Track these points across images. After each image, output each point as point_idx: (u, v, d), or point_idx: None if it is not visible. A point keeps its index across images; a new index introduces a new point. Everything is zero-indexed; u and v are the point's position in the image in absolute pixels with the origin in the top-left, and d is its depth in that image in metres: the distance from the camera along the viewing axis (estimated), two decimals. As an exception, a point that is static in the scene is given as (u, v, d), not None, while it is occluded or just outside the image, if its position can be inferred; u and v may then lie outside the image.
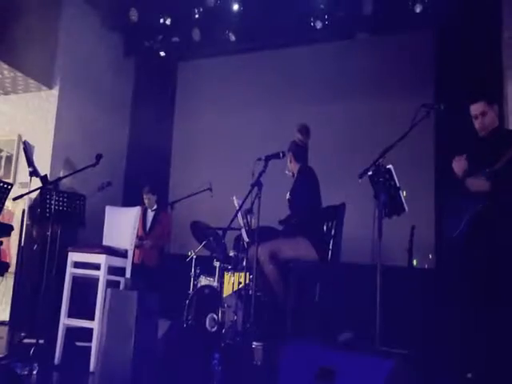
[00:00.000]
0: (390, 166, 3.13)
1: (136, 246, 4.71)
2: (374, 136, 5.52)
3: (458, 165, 3.30)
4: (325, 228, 3.89)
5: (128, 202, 6.40)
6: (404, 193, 3.19)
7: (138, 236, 4.85)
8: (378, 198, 3.04)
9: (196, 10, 6.27)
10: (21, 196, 3.77)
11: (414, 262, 4.53)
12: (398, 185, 3.15)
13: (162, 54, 6.93)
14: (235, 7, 6.12)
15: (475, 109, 3.26)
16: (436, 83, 5.77)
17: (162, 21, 6.48)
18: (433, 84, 5.78)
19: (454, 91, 5.33)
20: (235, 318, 3.84)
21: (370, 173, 3.13)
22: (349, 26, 6.11)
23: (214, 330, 4.01)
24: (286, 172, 4.05)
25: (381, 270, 2.90)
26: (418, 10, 5.53)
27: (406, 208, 3.15)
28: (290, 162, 3.99)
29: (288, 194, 3.92)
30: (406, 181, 3.37)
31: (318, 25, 6.00)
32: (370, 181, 3.17)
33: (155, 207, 5.75)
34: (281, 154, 3.63)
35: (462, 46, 5.47)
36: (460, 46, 5.50)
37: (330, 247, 3.77)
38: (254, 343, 3.26)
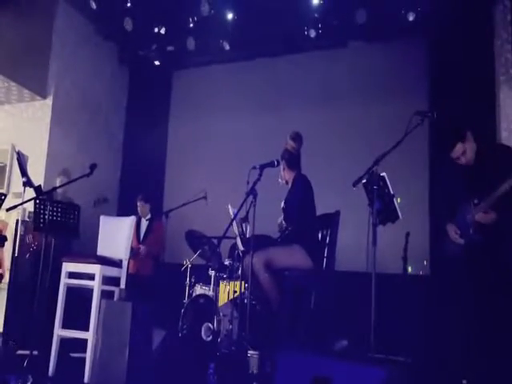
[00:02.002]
0: (383, 174, 3.14)
1: (131, 256, 4.69)
2: (368, 143, 5.54)
3: (452, 234, 3.35)
4: (319, 236, 3.88)
5: (123, 211, 6.38)
6: (398, 199, 3.20)
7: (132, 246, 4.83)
8: (372, 205, 3.05)
9: (190, 19, 6.28)
10: (14, 207, 3.75)
11: (409, 269, 4.53)
12: (392, 192, 3.16)
13: (157, 62, 6.95)
14: (229, 16, 6.14)
15: (455, 153, 3.30)
16: (429, 90, 5.81)
17: (156, 30, 6.48)
18: (426, 91, 5.82)
19: (447, 98, 5.37)
20: (230, 326, 3.82)
21: (363, 180, 3.14)
22: (342, 34, 6.16)
23: (209, 339, 3.99)
24: (279, 180, 4.05)
25: (375, 277, 2.90)
26: (410, 18, 5.57)
27: (400, 215, 3.16)
28: (284, 170, 3.99)
29: (283, 203, 3.92)
30: (400, 188, 3.39)
31: (312, 33, 6.04)
32: (364, 188, 3.18)
33: (149, 216, 5.73)
34: (275, 163, 3.65)
35: (455, 53, 5.51)
36: (452, 53, 5.54)
37: (325, 255, 3.76)
38: (250, 352, 3.25)
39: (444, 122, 3.51)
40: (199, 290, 4.66)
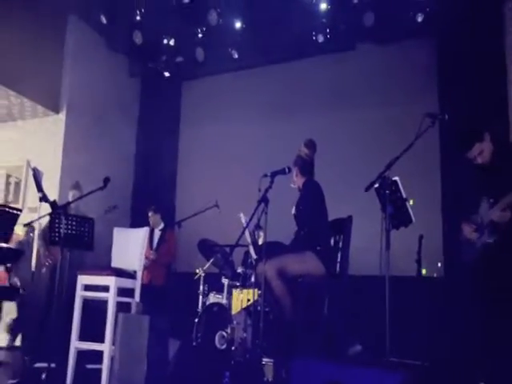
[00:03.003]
0: (396, 178, 3.12)
1: (144, 267, 4.72)
2: (379, 146, 5.51)
3: (467, 231, 3.30)
4: (332, 241, 3.86)
5: (136, 221, 6.43)
6: (411, 201, 3.17)
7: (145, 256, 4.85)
8: (385, 210, 3.03)
9: (199, 30, 6.34)
10: (31, 222, 3.82)
11: (423, 272, 4.47)
12: (404, 196, 3.13)
13: (167, 74, 7.00)
14: (237, 25, 6.18)
15: (472, 153, 3.27)
16: (439, 91, 5.76)
17: (165, 41, 6.55)
18: (436, 92, 5.77)
19: (457, 98, 5.32)
20: (245, 335, 3.81)
21: (376, 185, 3.12)
22: (350, 38, 6.15)
23: (223, 347, 3.98)
24: (292, 185, 4.02)
25: (389, 281, 2.88)
26: (419, 19, 5.54)
27: (414, 219, 3.13)
28: (296, 175, 3.99)
29: (293, 209, 3.89)
30: (413, 190, 3.36)
31: (320, 38, 6.05)
32: (377, 193, 3.16)
33: (162, 226, 5.76)
34: (286, 170, 3.63)
35: (465, 52, 5.46)
36: (462, 53, 5.49)
37: (338, 260, 3.74)
38: (264, 359, 3.23)
39: (455, 124, 3.46)
40: (212, 298, 4.67)
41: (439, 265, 5.19)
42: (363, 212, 4.14)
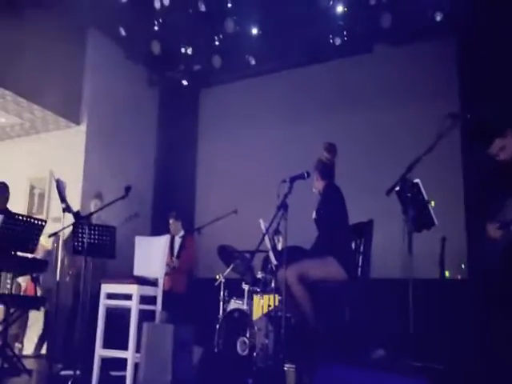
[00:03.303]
0: (417, 180, 3.08)
1: (165, 274, 4.74)
2: (400, 148, 5.45)
3: (490, 229, 3.23)
4: (353, 245, 3.82)
5: (156, 229, 6.48)
6: (432, 203, 3.12)
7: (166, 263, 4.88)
8: (407, 213, 2.98)
9: (216, 37, 6.39)
10: (55, 233, 3.89)
11: (446, 274, 4.39)
12: (426, 199, 3.08)
13: (185, 82, 7.07)
14: (254, 31, 6.21)
15: (493, 148, 3.20)
16: (460, 91, 5.67)
17: (183, 50, 6.63)
18: (457, 92, 5.68)
19: (479, 99, 5.22)
20: (266, 341, 3.79)
21: (397, 188, 3.08)
22: (368, 40, 6.11)
23: (245, 353, 3.96)
24: (314, 190, 4.00)
25: (413, 284, 2.83)
26: (438, 18, 5.46)
27: (436, 221, 3.08)
28: (317, 180, 3.95)
29: (314, 214, 3.87)
30: (434, 192, 3.31)
31: (337, 41, 6.03)
32: (398, 196, 3.12)
33: (182, 233, 5.79)
34: (305, 175, 3.59)
35: (486, 51, 5.34)
36: (483, 51, 5.37)
37: (359, 264, 3.69)
38: (286, 366, 3.21)
39: (477, 124, 3.40)
40: (233, 304, 4.66)
41: (463, 266, 5.08)
42: (384, 215, 4.09)
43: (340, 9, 5.76)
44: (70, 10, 5.63)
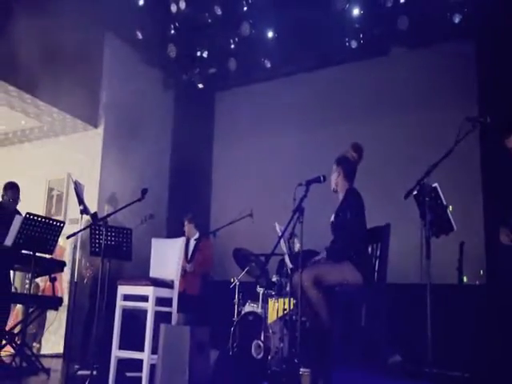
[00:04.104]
0: (435, 185, 3.05)
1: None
2: (417, 153, 5.41)
3: (503, 237, 3.21)
4: (370, 250, 3.78)
5: (172, 231, 6.52)
6: (450, 208, 3.09)
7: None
8: (425, 217, 2.96)
9: (231, 41, 6.41)
10: (73, 234, 3.94)
11: (464, 279, 4.34)
12: (444, 203, 3.06)
13: (200, 85, 7.10)
14: (270, 34, 6.22)
15: (510, 142, 3.18)
16: (479, 95, 5.60)
17: (198, 53, 6.66)
18: (476, 96, 5.62)
19: (498, 102, 5.15)
20: (281, 344, 3.78)
21: (415, 192, 3.05)
22: (384, 43, 6.07)
23: (259, 356, 3.96)
24: (332, 186, 3.88)
25: (430, 289, 2.80)
26: (456, 20, 5.40)
27: (455, 227, 3.05)
28: (338, 175, 3.82)
29: (332, 217, 3.81)
30: (453, 196, 3.28)
31: (354, 44, 6.00)
32: (416, 200, 3.09)
33: (197, 236, 5.79)
34: (321, 178, 3.56)
35: (505, 54, 5.28)
36: (503, 54, 5.31)
37: (376, 269, 3.67)
38: (302, 370, 3.20)
39: (496, 127, 3.36)
40: (248, 307, 4.66)
41: (481, 272, 5.02)
42: (402, 219, 4.06)
43: (356, 11, 5.74)
44: (88, 14, 5.71)
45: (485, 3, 5.15)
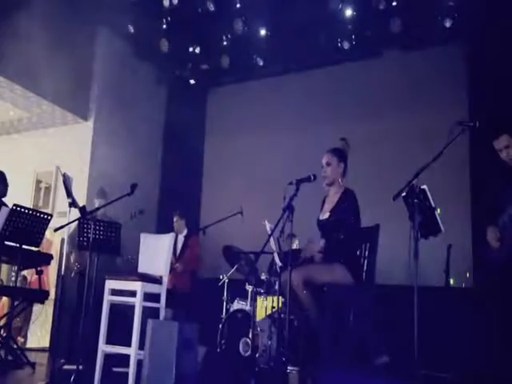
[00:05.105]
0: (424, 187, 3.07)
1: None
2: (407, 154, 5.46)
3: (491, 236, 3.25)
4: (358, 250, 3.81)
5: (161, 227, 6.50)
6: (438, 210, 3.12)
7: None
8: (413, 219, 2.99)
9: (224, 37, 6.40)
10: (61, 227, 3.90)
11: (451, 281, 4.39)
12: (433, 205, 3.09)
13: (192, 81, 7.09)
14: (262, 32, 6.22)
15: (498, 143, 3.24)
16: (469, 98, 5.67)
17: (191, 49, 6.64)
18: (466, 99, 5.68)
19: (488, 104, 5.22)
20: (269, 342, 3.80)
21: (403, 194, 3.08)
22: (377, 45, 6.12)
23: (247, 354, 3.97)
24: (325, 172, 3.84)
25: (418, 290, 2.84)
26: (447, 24, 5.47)
27: (443, 229, 3.08)
28: (338, 171, 3.78)
29: (326, 215, 3.79)
30: (442, 199, 3.30)
31: (346, 45, 6.03)
32: (405, 202, 3.11)
33: (185, 232, 5.77)
34: (312, 177, 3.57)
35: (495, 58, 5.35)
36: (493, 58, 5.39)
37: (364, 269, 3.69)
38: (289, 368, 3.21)
39: (486, 131, 3.40)
40: (237, 304, 4.67)
41: (468, 275, 5.09)
42: (391, 221, 4.09)
43: (349, 12, 5.77)
44: (81, 7, 5.65)
45: (475, 8, 5.23)
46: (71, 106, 6.23)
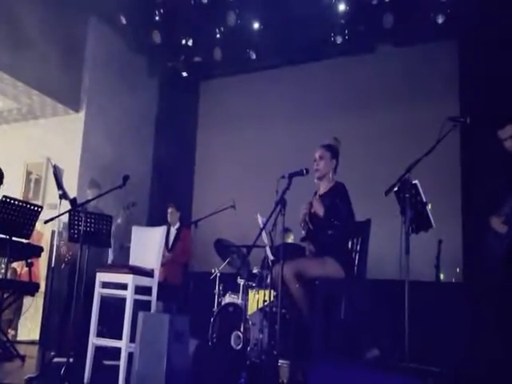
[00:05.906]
0: (415, 182, 3.09)
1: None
2: (399, 149, 5.49)
3: (496, 222, 3.27)
4: (350, 245, 3.83)
5: (153, 220, 6.48)
6: (429, 205, 3.14)
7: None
8: (405, 214, 3.00)
9: (217, 30, 6.37)
10: (51, 219, 3.86)
11: (441, 277, 4.44)
12: (424, 200, 3.11)
13: (185, 74, 7.05)
14: (255, 25, 6.20)
15: (503, 133, 3.25)
16: (461, 94, 5.71)
17: (184, 42, 6.61)
18: (458, 95, 5.72)
19: (479, 102, 5.26)
20: (261, 335, 3.81)
21: (395, 189, 3.09)
22: (369, 40, 6.13)
23: (239, 347, 3.98)
24: (315, 168, 3.78)
25: (408, 285, 2.86)
26: (440, 20, 5.49)
27: (434, 224, 3.11)
28: (330, 167, 3.79)
29: (321, 211, 3.75)
30: (433, 194, 3.33)
31: (339, 40, 6.04)
32: (396, 197, 3.13)
33: (178, 225, 5.76)
34: (304, 171, 3.57)
35: (487, 54, 5.39)
36: (484, 54, 5.42)
37: (356, 263, 3.72)
38: (280, 361, 3.23)
39: (477, 127, 3.42)
40: (228, 298, 4.68)
41: (458, 270, 5.14)
42: (382, 216, 4.12)
43: (342, 7, 5.78)
44: (71, -1, 5.60)
45: (467, 5, 5.25)
46: (62, 97, 6.17)
